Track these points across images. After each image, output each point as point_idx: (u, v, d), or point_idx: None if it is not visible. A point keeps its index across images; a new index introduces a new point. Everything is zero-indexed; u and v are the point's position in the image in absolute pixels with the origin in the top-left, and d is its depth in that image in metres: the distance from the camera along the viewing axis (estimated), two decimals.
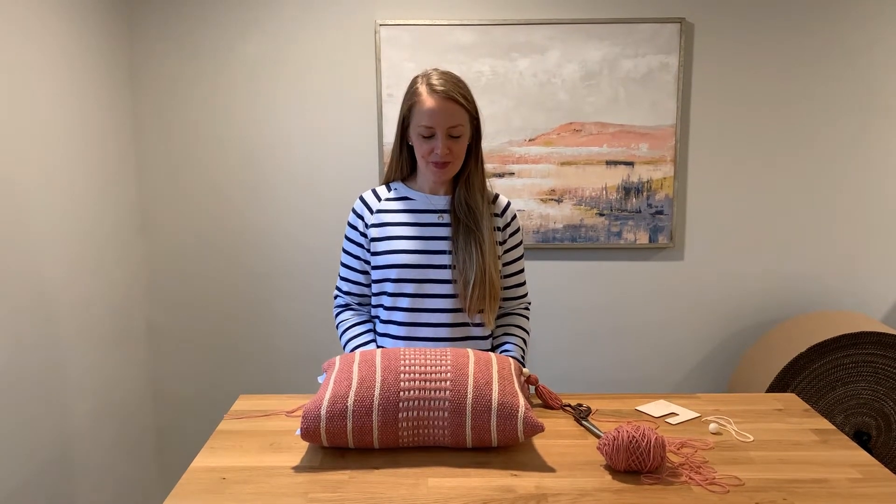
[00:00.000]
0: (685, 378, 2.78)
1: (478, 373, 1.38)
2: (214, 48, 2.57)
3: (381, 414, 1.33)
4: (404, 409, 1.34)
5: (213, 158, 2.64)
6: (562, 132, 2.61)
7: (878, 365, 2.32)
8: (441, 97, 1.54)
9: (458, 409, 1.34)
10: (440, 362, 1.40)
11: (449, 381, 1.36)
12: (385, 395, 1.34)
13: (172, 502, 1.19)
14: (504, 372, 1.42)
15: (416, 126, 1.57)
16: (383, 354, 1.43)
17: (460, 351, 1.45)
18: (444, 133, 1.55)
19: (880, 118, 2.61)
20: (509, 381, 1.39)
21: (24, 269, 1.96)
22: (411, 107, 1.57)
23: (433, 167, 1.59)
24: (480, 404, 1.34)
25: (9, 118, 1.91)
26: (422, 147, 1.58)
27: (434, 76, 1.57)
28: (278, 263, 2.70)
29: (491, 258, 1.61)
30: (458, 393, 1.35)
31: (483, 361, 1.42)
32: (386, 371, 1.37)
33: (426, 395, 1.34)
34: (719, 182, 2.66)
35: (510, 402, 1.34)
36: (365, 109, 2.61)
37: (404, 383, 1.35)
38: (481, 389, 1.35)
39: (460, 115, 1.56)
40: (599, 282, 2.72)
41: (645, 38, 2.55)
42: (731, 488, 1.23)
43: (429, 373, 1.37)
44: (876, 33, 2.56)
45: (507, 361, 1.47)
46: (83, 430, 2.26)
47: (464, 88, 1.58)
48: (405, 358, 1.41)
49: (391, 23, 2.53)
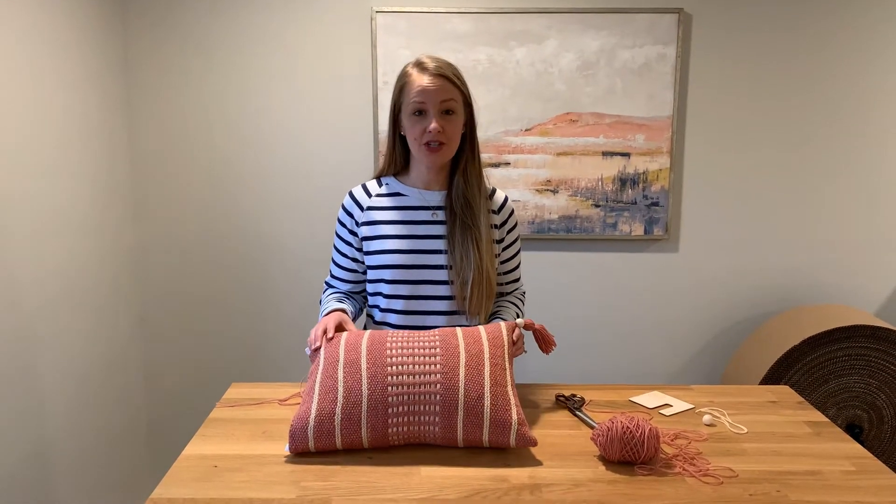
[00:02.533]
0: (679, 369, 2.78)
1: (468, 377, 1.33)
2: (208, 35, 2.55)
3: (369, 418, 1.31)
4: (393, 404, 1.31)
5: (206, 147, 2.61)
6: (558, 122, 2.59)
7: (871, 358, 2.33)
8: (431, 73, 1.50)
9: (449, 410, 1.31)
10: (429, 351, 1.36)
11: (439, 375, 1.33)
12: (373, 397, 1.31)
13: (164, 489, 1.18)
14: (496, 369, 1.37)
15: (406, 106, 1.52)
16: (369, 345, 1.38)
17: (450, 339, 1.39)
18: (436, 109, 1.50)
19: (879, 111, 2.61)
20: (502, 385, 1.35)
21: (15, 258, 1.94)
22: (402, 88, 1.53)
23: (426, 150, 1.53)
24: (474, 412, 1.31)
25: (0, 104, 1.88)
26: (414, 128, 1.52)
27: (423, 58, 1.54)
28: (271, 252, 2.68)
29: (488, 256, 1.56)
30: (448, 393, 1.32)
31: (474, 354, 1.37)
32: (372, 366, 1.34)
33: (415, 389, 1.32)
34: (715, 174, 2.65)
35: (503, 418, 1.31)
36: (360, 97, 2.59)
37: (392, 378, 1.32)
38: (472, 402, 1.31)
39: (452, 91, 1.52)
40: (594, 273, 2.71)
41: (643, 29, 2.54)
42: (724, 480, 1.23)
43: (417, 363, 1.34)
44: (875, 24, 2.55)
45: (499, 340, 1.41)
46: (74, 419, 2.24)
47: (455, 70, 1.55)
48: (391, 347, 1.37)
49: (387, 10, 2.51)
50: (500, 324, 1.46)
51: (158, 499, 1.15)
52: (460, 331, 1.43)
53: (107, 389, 2.45)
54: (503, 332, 1.44)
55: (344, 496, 1.16)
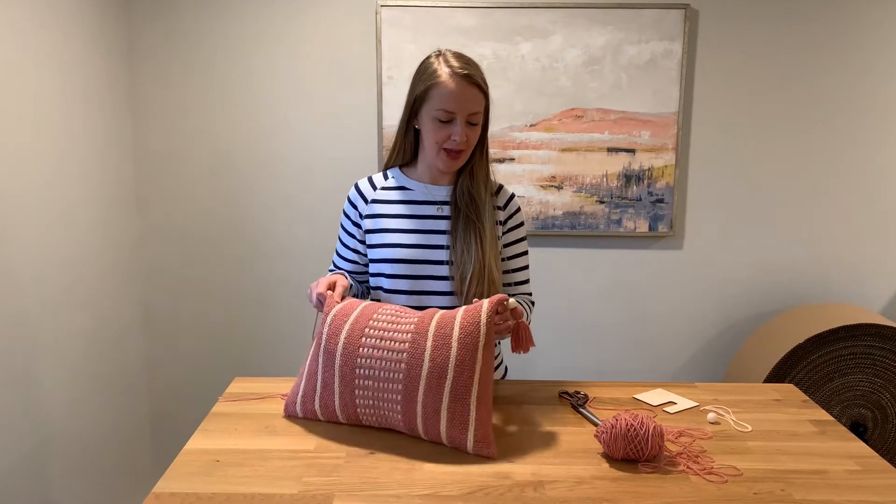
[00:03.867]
0: (683, 367, 2.78)
1: (433, 358, 1.28)
2: (212, 31, 2.54)
3: (340, 387, 1.34)
4: (361, 377, 1.32)
5: (209, 144, 2.61)
6: (563, 118, 2.58)
7: (876, 357, 2.32)
8: (465, 81, 1.46)
9: (410, 392, 1.29)
10: (404, 327, 1.33)
11: (405, 354, 1.30)
12: (344, 367, 1.33)
13: (166, 484, 1.17)
14: (465, 352, 1.27)
15: (432, 109, 1.48)
16: (357, 314, 1.37)
17: (426, 317, 1.34)
18: (463, 119, 1.47)
19: (885, 110, 2.59)
20: (469, 370, 1.28)
21: (18, 254, 1.94)
22: (429, 88, 1.48)
23: (445, 155, 1.51)
24: (434, 393, 1.28)
25: (2, 98, 1.88)
26: (437, 133, 1.49)
27: (452, 58, 1.49)
28: (275, 248, 2.68)
29: (491, 252, 1.54)
30: (411, 371, 1.29)
31: (444, 334, 1.30)
32: (350, 335, 1.34)
33: (381, 364, 1.30)
34: (720, 171, 2.64)
35: (462, 413, 1.27)
36: (365, 91, 2.58)
37: (363, 350, 1.32)
38: (434, 382, 1.27)
39: (480, 102, 1.49)
40: (598, 270, 2.71)
41: (649, 24, 2.52)
42: (728, 478, 1.22)
43: (388, 337, 1.32)
44: (881, 19, 2.53)
45: (476, 317, 1.30)
46: (77, 414, 2.25)
47: (482, 73, 1.51)
48: (377, 319, 1.35)
49: (392, 4, 2.50)
50: (483, 302, 1.33)
51: (160, 493, 1.15)
52: (441, 312, 1.37)
53: (109, 384, 2.45)
54: (483, 310, 1.31)
55: (346, 492, 1.16)
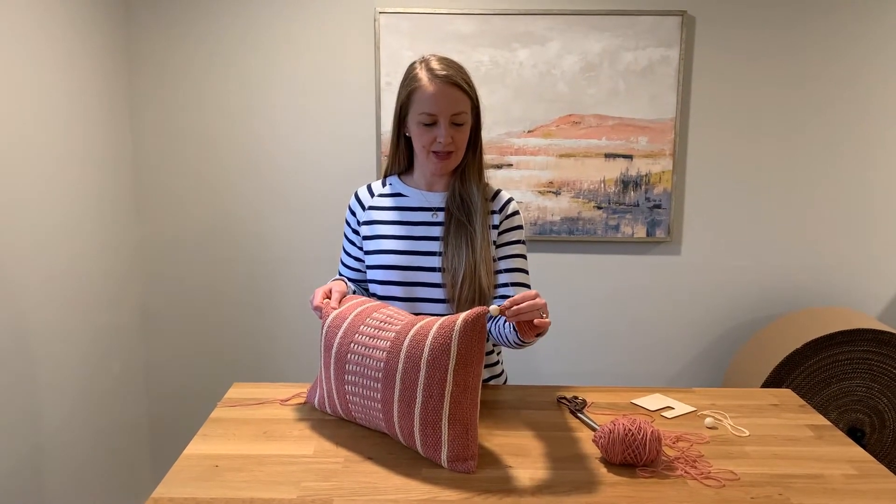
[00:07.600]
0: (681, 372, 2.78)
1: (406, 364, 1.25)
2: (211, 35, 2.55)
3: (336, 380, 1.37)
4: (350, 371, 1.34)
5: (208, 148, 2.62)
6: (561, 124, 2.59)
7: (874, 362, 2.32)
8: (443, 82, 1.47)
9: (386, 395, 1.29)
10: (388, 330, 1.32)
11: (385, 353, 1.30)
12: (338, 362, 1.36)
13: (164, 489, 1.18)
14: (435, 360, 1.22)
15: (415, 114, 1.49)
16: (358, 312, 1.40)
17: (402, 331, 1.30)
18: (446, 121, 1.48)
19: (882, 117, 2.60)
20: (440, 385, 1.22)
21: (18, 257, 1.95)
22: (410, 93, 1.50)
23: (434, 158, 1.52)
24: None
25: (1, 101, 1.88)
26: (423, 137, 1.50)
27: (433, 61, 1.50)
28: (274, 252, 2.68)
29: (483, 256, 1.51)
30: (387, 373, 1.28)
31: (412, 359, 1.25)
32: (345, 334, 1.37)
33: (364, 361, 1.32)
34: (718, 177, 2.65)
35: (433, 438, 1.25)
36: (363, 97, 2.59)
37: (353, 346, 1.34)
38: (408, 385, 1.25)
39: (463, 102, 1.49)
40: (596, 275, 2.71)
41: (646, 31, 2.53)
42: (726, 483, 1.22)
43: (374, 335, 1.33)
44: (877, 26, 2.55)
45: (447, 339, 1.23)
46: (75, 418, 2.24)
47: (465, 74, 1.52)
48: (375, 318, 1.37)
49: (391, 10, 2.51)
50: (458, 317, 1.25)
51: (159, 498, 1.15)
52: (418, 325, 1.31)
53: (108, 389, 2.45)
54: (455, 329, 1.23)
55: (345, 496, 1.16)
